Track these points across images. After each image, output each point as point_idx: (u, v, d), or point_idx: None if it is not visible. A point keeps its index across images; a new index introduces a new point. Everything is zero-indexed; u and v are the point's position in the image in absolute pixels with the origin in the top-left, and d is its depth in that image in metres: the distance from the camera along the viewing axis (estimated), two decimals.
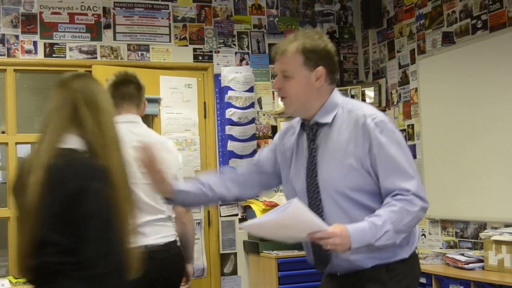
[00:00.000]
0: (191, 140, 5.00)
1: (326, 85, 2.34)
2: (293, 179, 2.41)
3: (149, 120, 4.69)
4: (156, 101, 4.81)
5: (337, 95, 2.38)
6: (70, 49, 4.85)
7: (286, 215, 2.01)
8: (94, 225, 1.82)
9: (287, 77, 2.31)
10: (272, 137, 5.31)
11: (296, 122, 2.47)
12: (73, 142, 1.95)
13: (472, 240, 4.39)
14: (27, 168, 1.95)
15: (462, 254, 4.15)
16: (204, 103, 5.14)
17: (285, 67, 2.31)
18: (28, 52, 4.75)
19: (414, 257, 2.36)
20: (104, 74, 4.44)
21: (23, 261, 1.92)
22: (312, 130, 2.34)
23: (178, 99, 4.88)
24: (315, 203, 2.29)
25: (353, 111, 2.29)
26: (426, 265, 4.33)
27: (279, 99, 2.46)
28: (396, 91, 5.23)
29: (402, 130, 5.12)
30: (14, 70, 4.71)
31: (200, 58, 5.22)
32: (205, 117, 5.14)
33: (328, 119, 2.31)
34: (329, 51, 2.34)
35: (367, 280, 2.26)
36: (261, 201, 4.89)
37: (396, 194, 2.16)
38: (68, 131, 1.96)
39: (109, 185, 1.87)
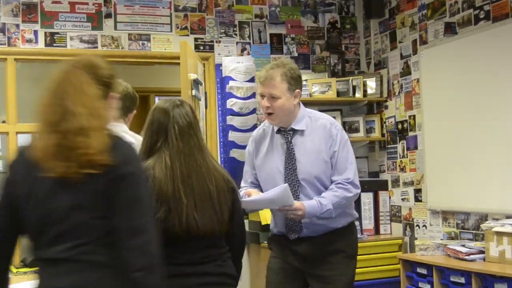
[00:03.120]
0: None
1: (298, 101, 3.17)
2: (263, 168, 3.23)
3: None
4: (200, 84, 4.69)
5: (302, 107, 3.22)
6: (71, 38, 4.83)
7: (278, 193, 2.92)
8: None
9: (274, 98, 3.05)
10: None
11: (265, 129, 3.28)
12: None
13: (473, 232, 4.39)
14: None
15: (463, 245, 4.16)
16: (205, 93, 5.12)
17: (274, 92, 3.05)
18: (29, 41, 4.73)
19: (352, 225, 3.29)
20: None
21: None
22: (289, 134, 3.15)
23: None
24: (293, 187, 3.09)
25: (319, 119, 3.17)
26: (427, 256, 4.34)
27: (267, 115, 3.15)
28: (398, 81, 5.21)
29: (404, 121, 5.12)
30: (15, 59, 4.70)
31: (201, 48, 5.20)
32: (206, 107, 5.12)
33: (302, 126, 3.14)
34: (301, 76, 3.18)
35: (329, 237, 3.15)
36: None
37: (339, 183, 3.08)
38: None
39: None
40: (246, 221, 5.08)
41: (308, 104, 5.28)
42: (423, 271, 4.34)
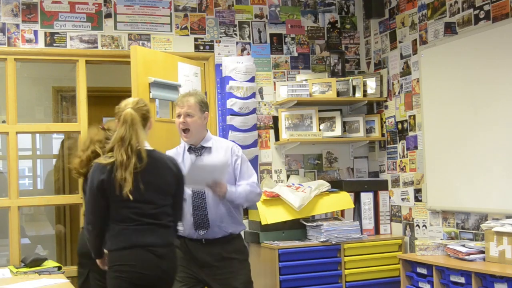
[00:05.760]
0: None
1: (206, 123, 3.92)
2: None
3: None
4: (176, 87, 4.77)
5: (209, 133, 3.97)
6: (71, 38, 4.83)
7: (223, 162, 3.74)
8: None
9: (189, 116, 3.79)
10: (273, 128, 5.32)
11: (178, 149, 3.98)
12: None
13: (473, 231, 4.39)
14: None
15: (463, 245, 4.16)
16: (205, 93, 5.12)
17: (189, 110, 3.80)
18: (29, 41, 4.73)
19: (241, 234, 4.00)
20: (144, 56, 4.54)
21: None
22: (199, 150, 3.88)
23: (189, 87, 4.83)
24: (201, 191, 3.81)
25: (222, 142, 4.01)
26: (427, 256, 4.35)
27: (183, 132, 3.84)
28: (398, 81, 5.22)
29: (404, 121, 5.12)
30: (15, 59, 4.70)
31: (201, 48, 5.20)
32: None
33: (209, 144, 3.90)
34: (207, 104, 3.97)
35: (224, 243, 3.81)
36: (263, 191, 4.88)
37: (248, 184, 3.84)
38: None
39: None
40: (246, 221, 5.12)
41: (308, 104, 5.32)
42: (423, 271, 4.34)
